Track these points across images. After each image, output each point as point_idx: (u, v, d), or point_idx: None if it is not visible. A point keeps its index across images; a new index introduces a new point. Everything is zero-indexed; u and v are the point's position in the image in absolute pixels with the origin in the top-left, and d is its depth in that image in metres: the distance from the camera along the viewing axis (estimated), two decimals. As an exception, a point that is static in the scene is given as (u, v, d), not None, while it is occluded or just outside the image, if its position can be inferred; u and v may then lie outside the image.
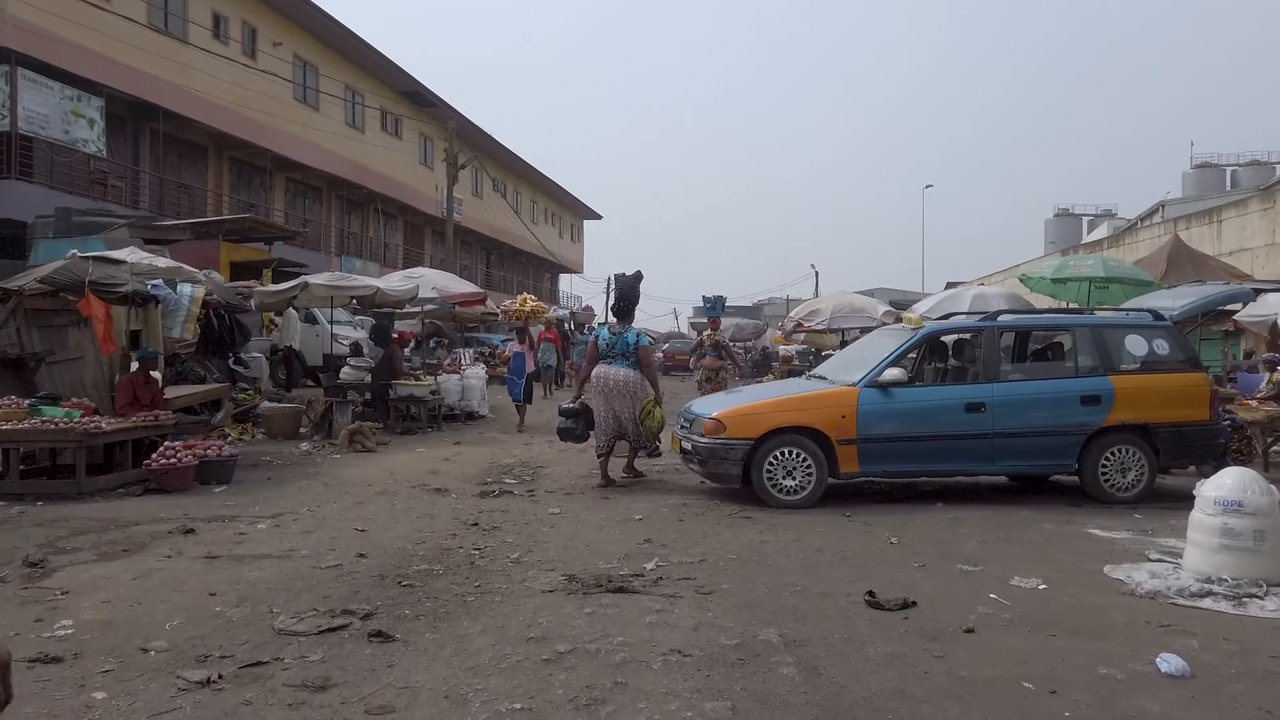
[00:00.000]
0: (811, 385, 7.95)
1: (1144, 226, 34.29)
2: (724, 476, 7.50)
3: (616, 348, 8.33)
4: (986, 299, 16.80)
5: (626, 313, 8.57)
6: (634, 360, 8.40)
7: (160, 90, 22.30)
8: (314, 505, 7.63)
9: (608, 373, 8.39)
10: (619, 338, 8.39)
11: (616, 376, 8.35)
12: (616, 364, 8.41)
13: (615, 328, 8.51)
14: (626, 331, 8.43)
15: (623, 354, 8.31)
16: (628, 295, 8.64)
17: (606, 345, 8.39)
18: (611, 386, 8.35)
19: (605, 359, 8.41)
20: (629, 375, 8.37)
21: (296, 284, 12.26)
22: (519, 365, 13.66)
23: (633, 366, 8.39)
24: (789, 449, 7.39)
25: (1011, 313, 7.90)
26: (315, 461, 10.25)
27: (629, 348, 8.33)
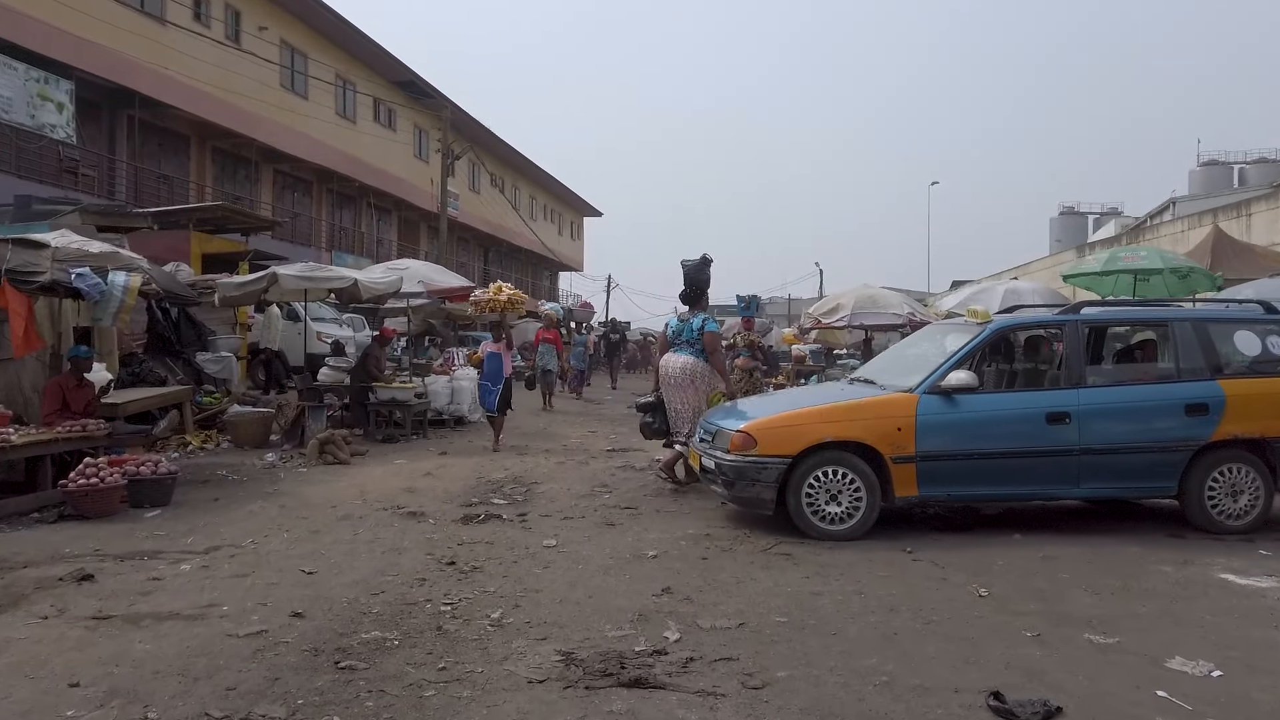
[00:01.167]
0: (857, 391, 6.65)
1: (1166, 222, 32.93)
2: (754, 501, 6.21)
3: (683, 335, 7.62)
4: (1020, 294, 15.53)
5: (695, 299, 7.80)
6: (699, 347, 7.55)
7: (136, 74, 21.00)
8: (261, 535, 6.34)
9: (670, 361, 7.69)
10: (685, 324, 7.67)
11: (678, 364, 7.58)
12: (681, 351, 7.66)
13: (684, 314, 7.80)
14: (695, 318, 7.68)
15: (688, 341, 7.59)
16: (696, 280, 7.82)
17: (674, 333, 7.74)
18: (671, 375, 7.59)
19: (673, 347, 7.73)
20: (689, 363, 7.54)
21: (264, 275, 10.97)
22: (495, 368, 11.16)
23: (698, 354, 7.55)
24: (834, 468, 6.10)
25: (1095, 304, 6.62)
26: (278, 476, 8.96)
27: (694, 333, 7.57)
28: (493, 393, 11.03)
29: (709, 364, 7.66)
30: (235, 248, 16.13)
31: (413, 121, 35.68)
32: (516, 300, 11.74)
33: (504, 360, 11.14)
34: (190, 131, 24.64)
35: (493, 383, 11.05)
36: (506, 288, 12.00)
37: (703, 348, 7.61)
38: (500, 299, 11.78)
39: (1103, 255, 15.04)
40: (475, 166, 40.42)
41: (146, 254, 15.55)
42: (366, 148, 31.73)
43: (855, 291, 14.02)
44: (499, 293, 11.94)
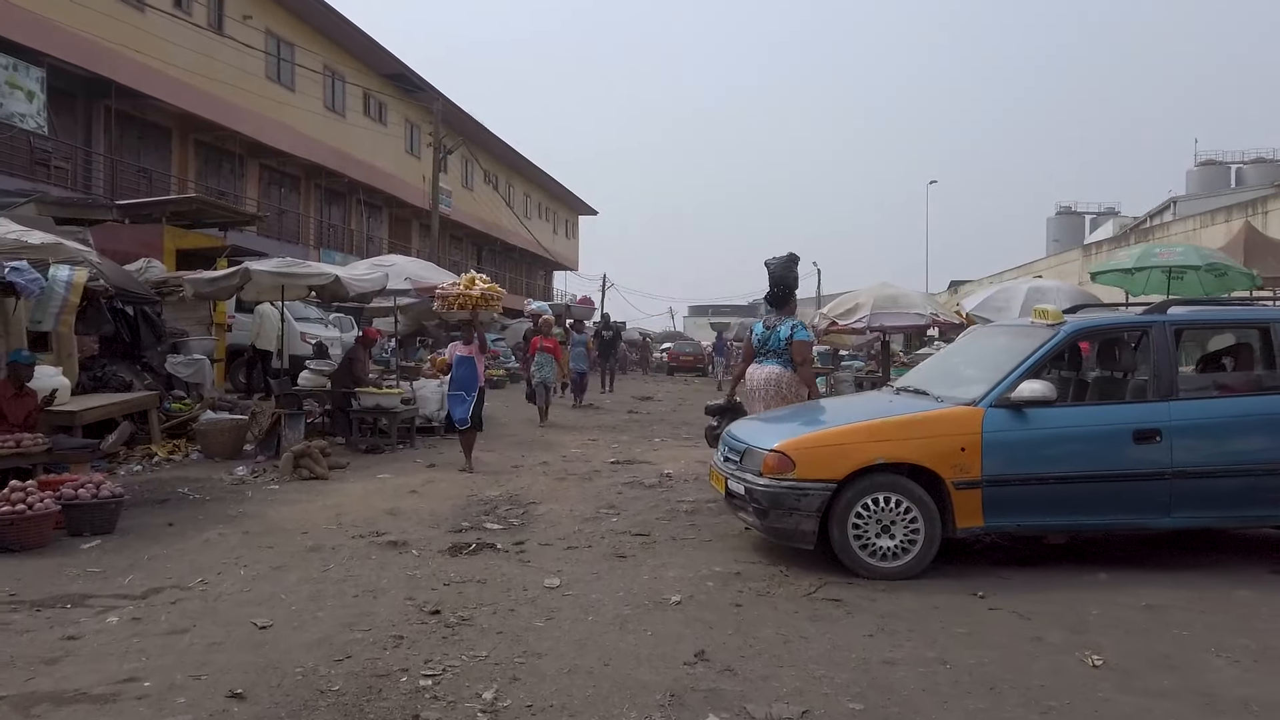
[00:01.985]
0: (908, 404, 5.74)
1: (1175, 220, 32.16)
2: (792, 534, 5.30)
3: (769, 343, 6.91)
4: (1044, 292, 14.66)
5: (783, 300, 7.05)
6: (787, 356, 6.82)
7: (113, 63, 19.98)
8: (214, 572, 5.41)
9: (755, 372, 6.99)
10: (772, 331, 6.92)
11: (764, 375, 6.88)
12: (767, 361, 6.93)
13: (770, 319, 7.03)
14: (781, 323, 6.92)
15: (775, 350, 6.87)
16: (784, 280, 7.06)
17: (759, 341, 6.99)
18: (757, 388, 6.90)
19: (758, 356, 7.00)
20: (775, 374, 6.84)
21: (237, 270, 10.04)
22: (468, 375, 9.52)
23: (785, 364, 6.84)
24: (886, 495, 5.21)
25: (1182, 303, 5.75)
26: (245, 495, 8.02)
27: (781, 343, 6.84)
28: (465, 403, 9.48)
29: (798, 375, 6.86)
30: (212, 243, 15.18)
31: (404, 116, 34.72)
32: (492, 295, 9.82)
33: (477, 366, 9.62)
34: (172, 124, 23.65)
35: (468, 391, 9.50)
36: (480, 280, 10.02)
37: (790, 357, 6.85)
38: (472, 293, 9.70)
39: (1135, 251, 14.19)
40: (468, 163, 39.48)
41: (115, 249, 14.65)
42: (356, 142, 30.75)
43: (874, 290, 13.14)
44: (470, 285, 9.84)
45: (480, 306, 9.79)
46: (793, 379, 6.85)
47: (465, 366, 9.56)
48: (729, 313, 70.67)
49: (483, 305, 9.80)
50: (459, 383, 9.53)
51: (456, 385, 9.54)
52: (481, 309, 9.76)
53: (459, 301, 9.76)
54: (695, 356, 40.48)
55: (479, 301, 9.76)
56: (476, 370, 9.60)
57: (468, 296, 9.72)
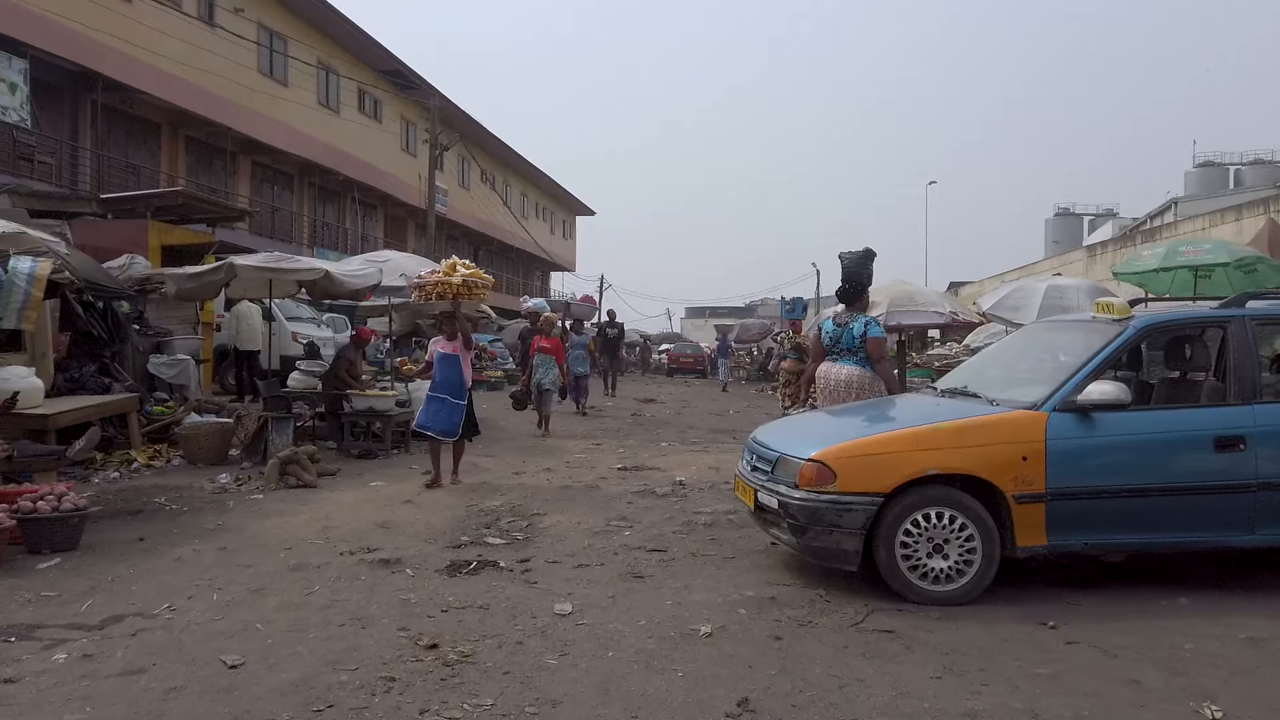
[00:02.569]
0: (958, 407, 5.16)
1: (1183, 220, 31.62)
2: (832, 553, 4.73)
3: (842, 341, 6.57)
4: (1064, 291, 14.15)
5: (855, 296, 6.76)
6: (862, 355, 6.49)
7: (100, 55, 19.39)
8: (184, 596, 4.83)
9: (829, 371, 6.62)
10: (844, 329, 6.58)
11: (838, 376, 6.52)
12: (841, 360, 6.57)
13: (841, 316, 6.70)
14: (854, 320, 6.60)
15: (849, 348, 6.54)
16: (857, 276, 6.75)
17: (831, 338, 6.67)
18: (833, 388, 6.55)
19: (829, 355, 6.65)
20: (853, 373, 6.48)
21: (220, 265, 9.45)
22: (452, 377, 8.27)
23: (860, 363, 6.50)
24: (938, 510, 4.64)
25: (1260, 297, 5.20)
26: (226, 505, 7.42)
27: (855, 340, 6.51)
28: (455, 410, 8.24)
29: (874, 373, 6.48)
30: (200, 239, 14.58)
31: (400, 113, 34.12)
32: (475, 283, 8.44)
33: (463, 365, 8.37)
34: (161, 119, 23.05)
35: (453, 395, 8.23)
36: (462, 265, 8.61)
37: (866, 355, 6.50)
38: (452, 280, 8.32)
39: (1159, 249, 13.62)
40: (465, 161, 38.90)
41: (98, 244, 14.03)
42: (351, 140, 30.15)
43: (890, 288, 12.57)
44: (451, 272, 8.45)
45: (462, 296, 8.35)
46: (871, 378, 6.48)
47: (448, 366, 8.29)
48: (726, 314, 70.26)
49: (465, 295, 8.37)
50: (441, 385, 8.28)
51: (438, 387, 8.29)
52: (464, 299, 8.37)
53: (438, 290, 8.34)
54: (695, 358, 40.15)
55: (461, 290, 8.31)
56: (462, 370, 8.32)
57: (448, 284, 8.28)
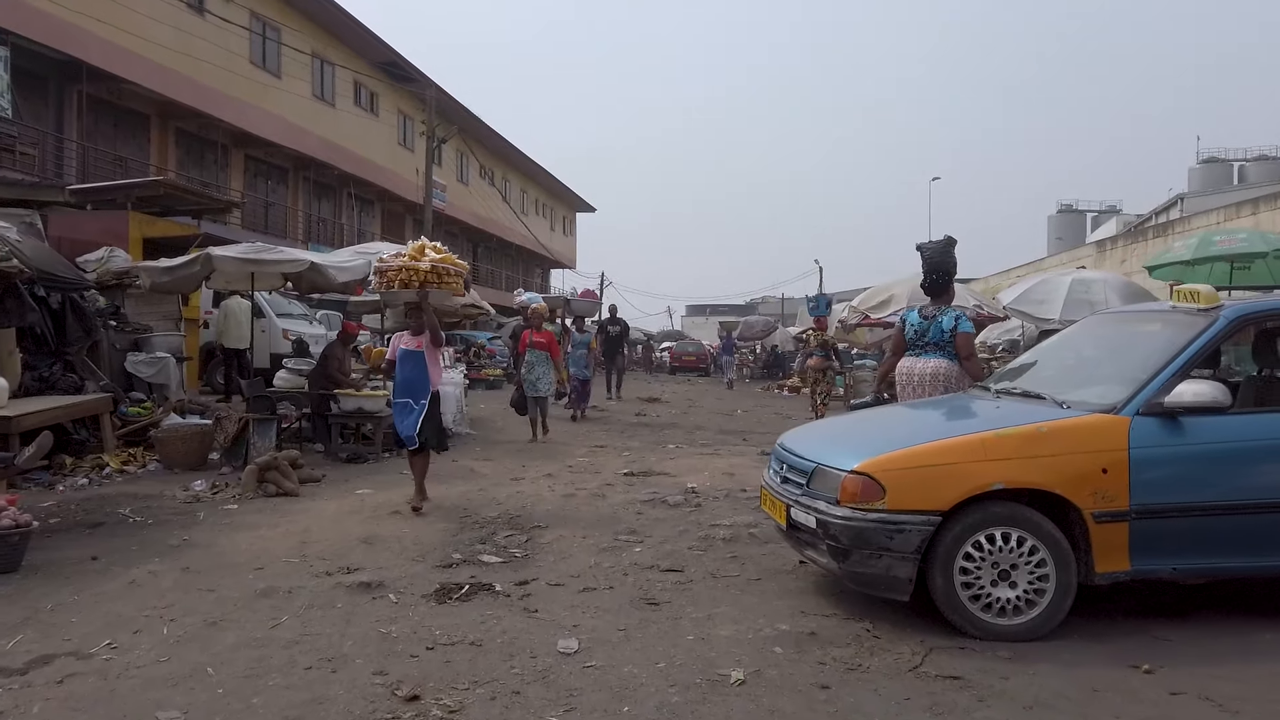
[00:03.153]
0: (1020, 410, 4.49)
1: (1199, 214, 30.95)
2: (881, 581, 4.07)
3: (929, 334, 6.22)
4: (1090, 285, 13.52)
5: (942, 288, 6.40)
6: (950, 350, 6.12)
7: (84, 43, 18.73)
8: (130, 629, 4.18)
9: (914, 366, 6.24)
10: (932, 321, 6.23)
11: (925, 370, 6.15)
12: (927, 355, 6.20)
13: (927, 309, 6.35)
14: (941, 313, 6.23)
15: (936, 342, 6.18)
16: (943, 266, 6.36)
17: (916, 331, 6.33)
18: (919, 384, 6.19)
19: (913, 349, 6.28)
20: (942, 367, 6.10)
21: (197, 256, 8.80)
22: (416, 377, 7.07)
23: (949, 357, 6.12)
24: (1005, 531, 3.99)
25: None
26: (196, 516, 6.76)
27: (943, 334, 6.16)
28: (413, 414, 6.98)
29: (963, 369, 6.10)
30: (184, 231, 13.92)
31: (396, 107, 33.44)
32: (447, 270, 7.11)
33: (429, 364, 7.13)
34: (150, 110, 22.39)
35: (416, 397, 7.02)
36: (432, 248, 7.22)
37: (954, 350, 6.13)
38: (419, 265, 6.98)
39: (1191, 240, 12.99)
40: (464, 157, 38.29)
41: (76, 237, 13.36)
42: (346, 133, 29.49)
43: (910, 282, 11.92)
44: (419, 255, 7.09)
45: (431, 284, 7.08)
46: (959, 373, 6.08)
47: (412, 365, 7.04)
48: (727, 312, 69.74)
49: (434, 283, 7.08)
50: (404, 386, 7.06)
51: (401, 390, 7.09)
52: (433, 287, 7.09)
53: (402, 277, 7.06)
54: (698, 356, 39.70)
55: (429, 277, 7.04)
56: (427, 370, 7.06)
57: (414, 270, 7.01)
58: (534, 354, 11.81)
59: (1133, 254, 26.85)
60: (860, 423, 5.13)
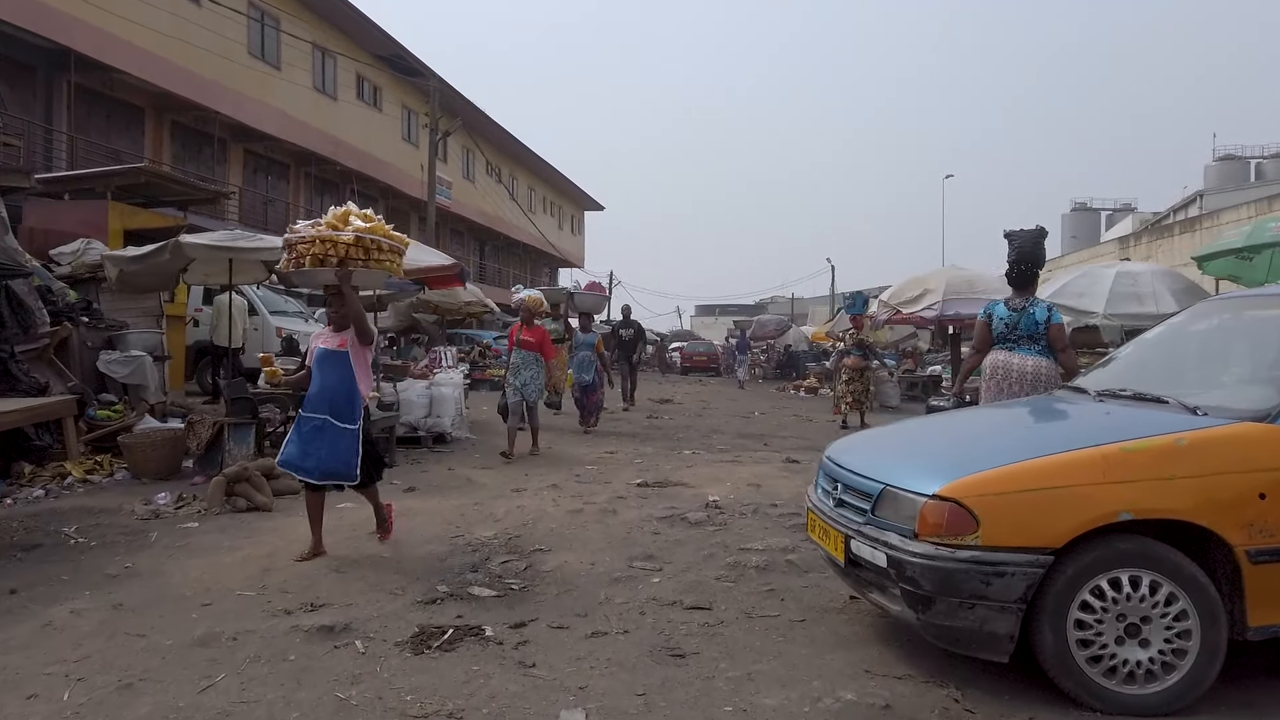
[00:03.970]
0: (1140, 417, 3.59)
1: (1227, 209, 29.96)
2: (974, 637, 3.19)
3: (1020, 327, 5.77)
4: (1136, 277, 12.61)
5: (1030, 279, 5.92)
6: (1043, 344, 5.67)
7: (71, 30, 17.97)
8: (20, 694, 3.34)
9: (1008, 362, 5.73)
10: (1022, 313, 5.77)
11: (1023, 367, 5.66)
12: (1020, 350, 5.71)
13: (1015, 301, 5.87)
14: (1033, 305, 5.77)
15: (1029, 335, 5.73)
16: (1032, 256, 5.89)
17: (1005, 325, 5.86)
18: (1014, 380, 5.69)
19: (1003, 343, 5.81)
20: (1038, 364, 5.62)
21: (165, 244, 7.97)
22: (334, 387, 5.29)
23: (1044, 352, 5.67)
24: (1133, 573, 3.11)
25: None
26: (148, 537, 5.92)
27: (1037, 326, 5.71)
28: (342, 439, 5.21)
29: (1059, 365, 5.64)
30: (169, 223, 13.11)
31: (400, 101, 32.65)
32: (377, 242, 5.38)
33: (357, 371, 5.34)
34: (144, 102, 21.62)
35: (337, 416, 5.22)
36: (360, 215, 5.45)
37: (1048, 344, 5.67)
38: (341, 237, 5.21)
39: (1245, 229, 12.08)
40: (469, 153, 37.49)
41: (53, 228, 12.55)
42: (349, 128, 28.70)
43: (945, 274, 11.04)
44: (341, 223, 5.31)
45: (355, 261, 5.28)
46: (1055, 370, 5.62)
47: (331, 370, 5.28)
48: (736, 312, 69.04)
49: (360, 259, 5.29)
50: (317, 399, 5.27)
51: (315, 403, 5.28)
52: (357, 265, 5.30)
53: (315, 252, 5.23)
54: (709, 356, 39.11)
55: (352, 252, 5.25)
56: (353, 377, 5.30)
57: (332, 243, 5.20)
58: (521, 354, 10.03)
59: (1158, 250, 25.88)
60: (933, 431, 4.23)
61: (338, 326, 5.45)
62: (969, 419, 4.43)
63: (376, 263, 5.42)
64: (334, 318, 5.48)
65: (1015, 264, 5.84)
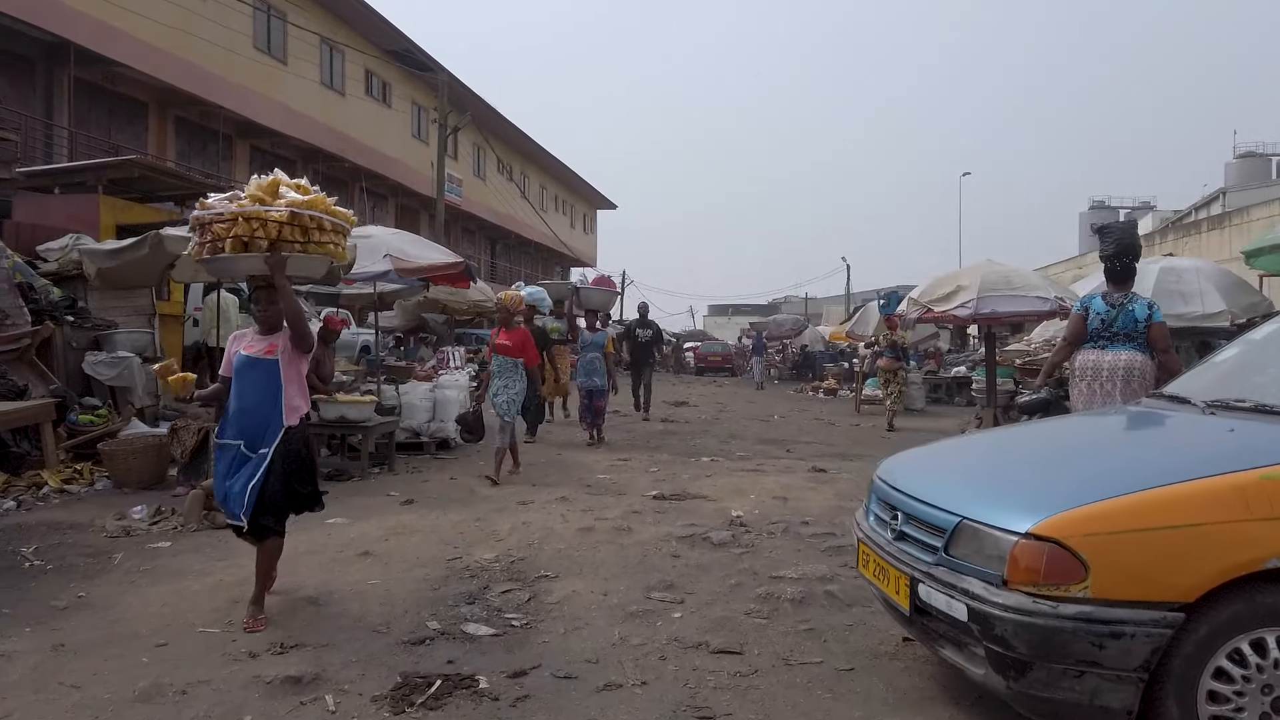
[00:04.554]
0: (1270, 437, 2.94)
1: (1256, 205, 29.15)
2: (1082, 713, 2.55)
3: (1117, 324, 5.37)
4: (1181, 274, 11.87)
5: (1130, 274, 5.51)
6: (1142, 342, 5.27)
7: (70, 21, 17.49)
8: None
9: (1099, 361, 5.32)
10: (1120, 309, 5.36)
11: (1114, 362, 5.26)
12: (1116, 346, 5.31)
13: (1113, 296, 5.47)
14: (1132, 302, 5.35)
15: (1126, 333, 5.32)
16: (1132, 249, 5.50)
17: (1101, 321, 5.45)
18: (1108, 377, 5.28)
19: (1098, 340, 5.37)
20: (1136, 360, 5.22)
21: (144, 238, 7.42)
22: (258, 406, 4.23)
23: (1142, 349, 5.26)
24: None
25: None
26: (111, 560, 5.34)
27: (1136, 325, 5.29)
28: (250, 466, 4.17)
29: (1158, 365, 5.24)
30: (163, 217, 12.54)
31: (410, 97, 32.12)
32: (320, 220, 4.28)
33: (286, 384, 4.28)
34: (147, 97, 21.14)
35: (252, 441, 4.21)
36: (293, 185, 4.32)
37: (1146, 342, 5.28)
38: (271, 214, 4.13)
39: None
40: (480, 151, 36.96)
41: (42, 223, 12.01)
42: (357, 124, 28.18)
43: (980, 269, 10.37)
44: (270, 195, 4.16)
45: (288, 245, 4.25)
46: (1150, 367, 5.23)
47: (255, 384, 4.25)
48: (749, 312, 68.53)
49: (297, 241, 4.26)
50: (239, 419, 4.26)
51: (234, 425, 4.28)
52: (293, 249, 4.27)
53: (238, 232, 4.18)
54: (723, 356, 38.78)
55: (287, 232, 4.21)
56: (280, 393, 4.24)
57: (262, 223, 4.17)
58: (500, 361, 8.49)
59: (1184, 248, 25.10)
60: (1015, 447, 3.57)
61: (267, 328, 4.36)
62: (1058, 433, 3.78)
63: (317, 246, 4.34)
64: (262, 317, 4.36)
65: (1115, 257, 5.41)
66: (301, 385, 4.42)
